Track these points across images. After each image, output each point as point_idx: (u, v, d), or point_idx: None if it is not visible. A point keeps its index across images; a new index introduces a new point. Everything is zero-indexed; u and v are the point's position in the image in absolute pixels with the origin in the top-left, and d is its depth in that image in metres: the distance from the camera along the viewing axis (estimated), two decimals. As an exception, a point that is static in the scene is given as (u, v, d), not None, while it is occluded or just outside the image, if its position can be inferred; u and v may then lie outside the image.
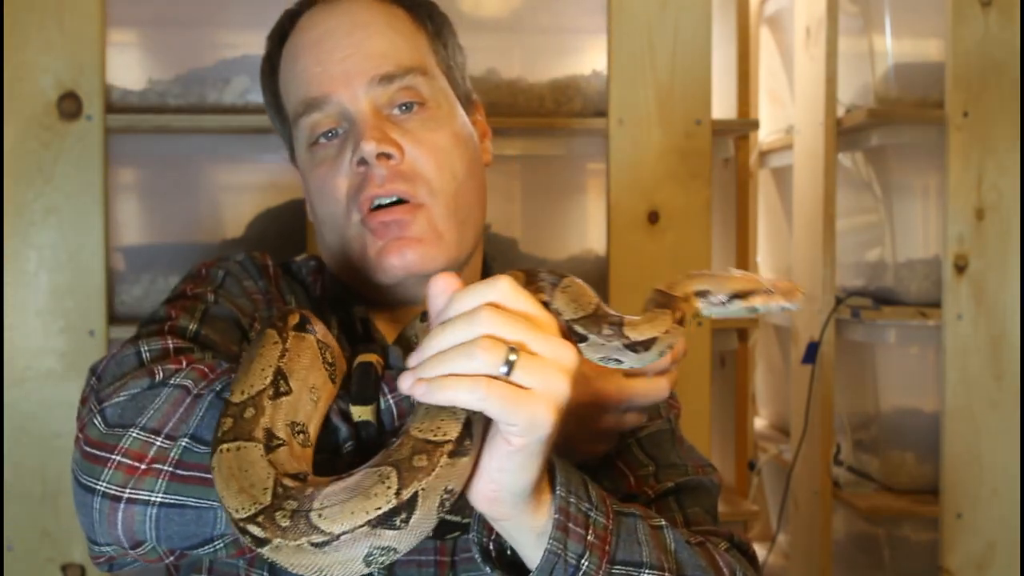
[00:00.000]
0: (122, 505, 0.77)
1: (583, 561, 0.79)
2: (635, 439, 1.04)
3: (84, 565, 1.79)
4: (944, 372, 2.11)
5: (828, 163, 2.21)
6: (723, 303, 0.86)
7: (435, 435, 0.70)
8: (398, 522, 0.68)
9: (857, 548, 2.39)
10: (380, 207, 0.99)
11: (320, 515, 0.68)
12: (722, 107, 2.39)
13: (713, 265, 2.08)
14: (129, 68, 1.88)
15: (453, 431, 0.70)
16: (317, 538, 0.67)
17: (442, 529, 0.83)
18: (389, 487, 0.68)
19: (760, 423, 2.87)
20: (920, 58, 2.25)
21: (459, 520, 0.84)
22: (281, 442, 0.75)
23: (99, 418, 0.80)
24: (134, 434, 0.78)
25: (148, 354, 0.87)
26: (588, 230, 2.06)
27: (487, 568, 0.82)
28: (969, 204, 2.10)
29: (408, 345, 0.90)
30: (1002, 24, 2.08)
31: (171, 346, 0.88)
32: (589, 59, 2.00)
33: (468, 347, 0.69)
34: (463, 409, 0.70)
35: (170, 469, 0.78)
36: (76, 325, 1.77)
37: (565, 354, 0.71)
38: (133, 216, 1.95)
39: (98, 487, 0.78)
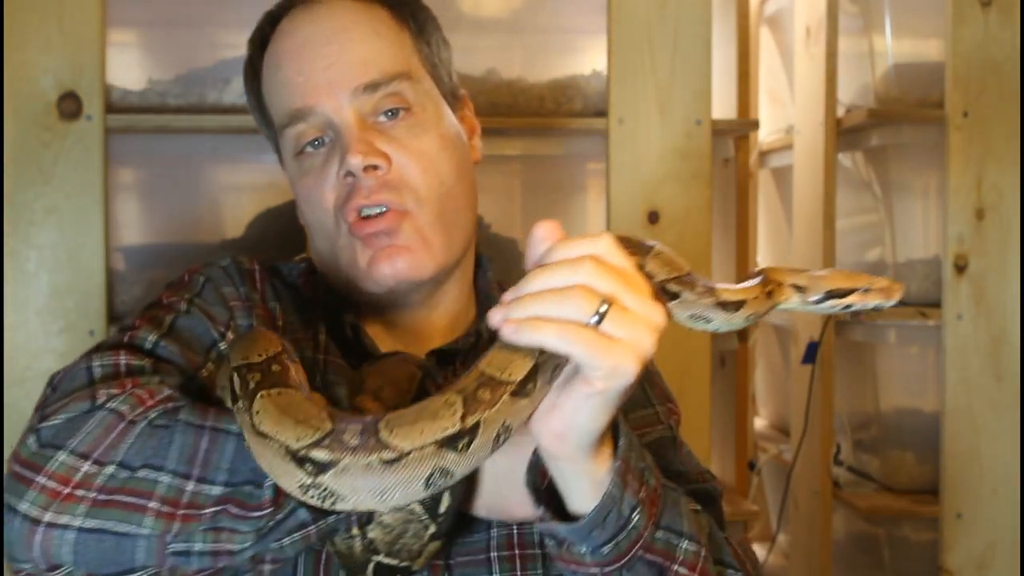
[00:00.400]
0: (41, 528, 0.77)
1: (634, 515, 0.82)
2: None
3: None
4: (944, 372, 2.11)
5: (828, 163, 2.21)
6: (817, 301, 0.86)
7: (501, 374, 0.73)
8: (460, 446, 0.72)
9: (857, 548, 2.39)
10: (367, 217, 0.99)
11: (390, 432, 0.71)
12: (722, 107, 2.39)
13: (712, 265, 2.08)
14: (129, 68, 1.88)
15: (519, 373, 0.73)
16: (388, 455, 0.70)
17: (381, 572, 0.85)
18: (455, 412, 0.72)
19: (760, 423, 2.87)
20: (920, 58, 2.25)
21: (397, 564, 0.86)
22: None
23: (34, 437, 0.80)
24: (62, 457, 0.78)
25: (100, 370, 0.88)
26: (588, 230, 2.05)
27: (539, 509, 0.83)
28: (969, 204, 2.10)
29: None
30: (1002, 24, 2.08)
31: (123, 363, 0.89)
32: (589, 59, 2.00)
33: (563, 293, 0.72)
34: (535, 354, 0.74)
35: (93, 495, 0.78)
36: (76, 325, 1.77)
37: (655, 312, 0.75)
38: (133, 216, 1.95)
39: (19, 508, 0.77)
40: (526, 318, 0.73)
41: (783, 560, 2.58)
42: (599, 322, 0.72)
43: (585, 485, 0.81)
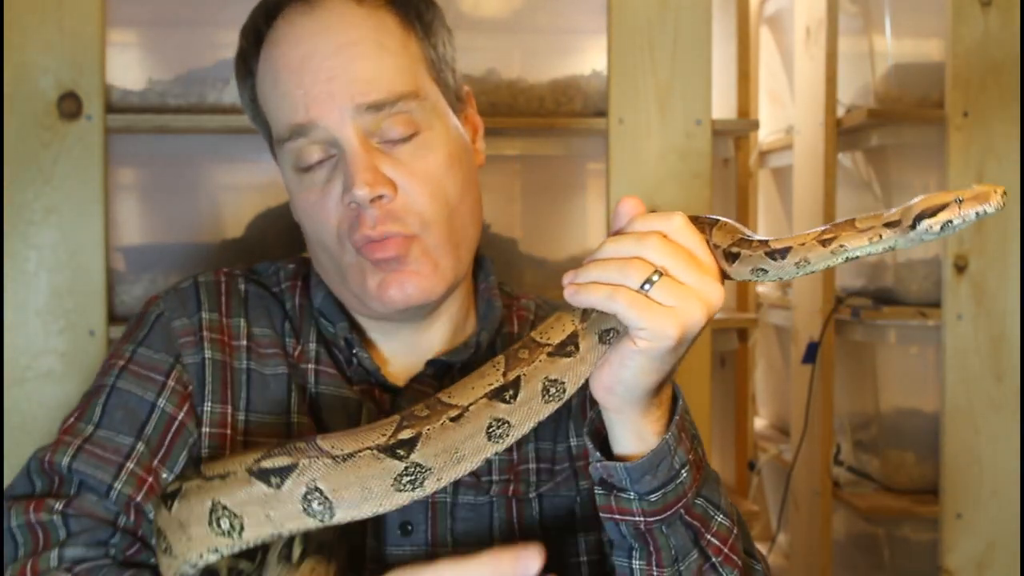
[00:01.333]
0: None
1: (684, 471, 0.89)
2: None
3: (84, 565, 1.79)
4: (944, 372, 2.11)
5: (828, 163, 2.21)
6: (911, 227, 0.83)
7: (542, 338, 0.85)
8: (507, 396, 0.83)
9: (857, 548, 2.39)
10: (375, 241, 0.98)
11: (449, 396, 0.84)
12: (722, 107, 2.39)
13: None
14: (129, 68, 1.88)
15: (557, 337, 0.85)
16: (453, 412, 0.82)
17: None
18: (498, 369, 0.85)
19: (760, 423, 2.87)
20: (920, 58, 2.25)
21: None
22: None
23: None
24: None
25: (17, 532, 0.95)
26: (588, 230, 2.06)
27: (596, 451, 0.91)
28: (969, 204, 2.10)
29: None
30: (1002, 24, 2.08)
31: (33, 522, 0.95)
32: (589, 59, 2.00)
33: (622, 262, 0.80)
34: (577, 320, 0.85)
35: None
36: (76, 325, 1.77)
37: (709, 288, 0.82)
38: (133, 216, 1.95)
39: None
40: (585, 282, 0.81)
41: (783, 560, 2.58)
42: (648, 288, 0.80)
43: (632, 438, 0.88)
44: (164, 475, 0.99)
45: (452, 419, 0.83)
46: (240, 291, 1.07)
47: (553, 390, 0.85)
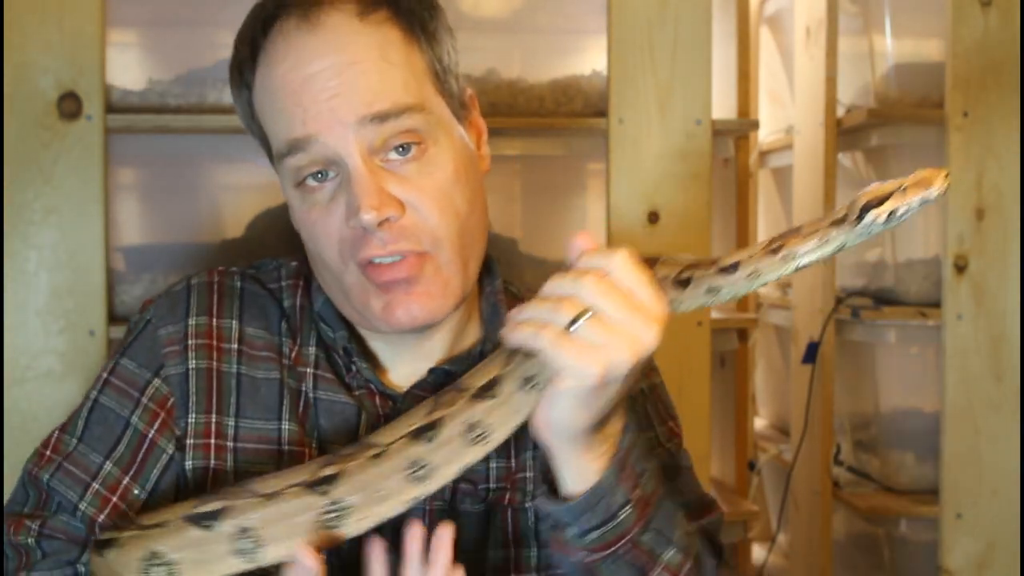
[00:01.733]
0: None
1: (624, 510, 0.88)
2: None
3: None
4: (944, 372, 2.11)
5: (828, 163, 2.21)
6: (857, 220, 0.81)
7: (467, 381, 0.88)
8: (427, 437, 0.86)
9: (857, 548, 2.39)
10: (382, 264, 0.95)
11: (377, 435, 0.88)
12: (722, 107, 2.38)
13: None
14: (129, 68, 1.88)
15: (479, 381, 0.87)
16: (375, 451, 0.86)
17: None
18: (425, 410, 0.88)
19: (760, 423, 2.87)
20: (920, 58, 2.25)
21: None
22: None
23: None
24: None
25: (8, 549, 0.99)
26: (588, 230, 2.06)
27: (543, 486, 0.92)
28: (969, 204, 2.10)
29: None
30: (1002, 24, 2.08)
31: (14, 543, 0.99)
32: (589, 59, 2.00)
33: (554, 302, 0.82)
34: (502, 365, 0.86)
35: None
36: (76, 325, 1.77)
37: (640, 329, 0.81)
38: (133, 216, 1.95)
39: None
40: (519, 321, 0.83)
41: (783, 560, 2.58)
42: (575, 327, 0.80)
43: (573, 475, 0.88)
44: (136, 491, 1.01)
45: (372, 457, 0.85)
46: (235, 289, 1.06)
47: (477, 432, 0.86)
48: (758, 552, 2.62)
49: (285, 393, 1.02)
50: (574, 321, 0.80)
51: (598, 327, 0.80)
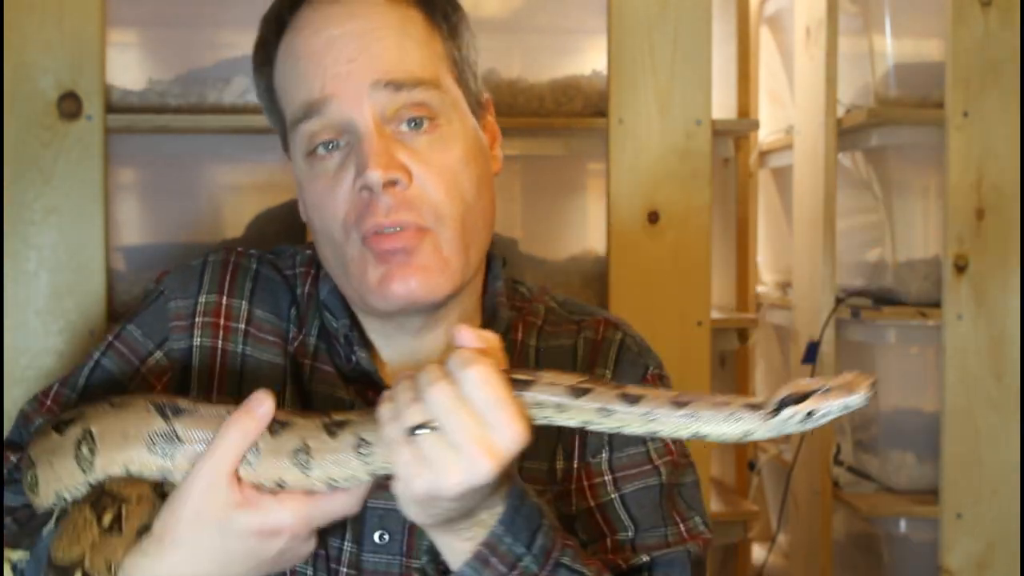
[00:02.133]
0: None
1: None
2: (619, 495, 1.00)
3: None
4: (944, 372, 2.11)
5: (828, 163, 2.21)
6: (772, 414, 0.75)
7: (332, 413, 0.86)
8: (273, 430, 0.84)
9: (857, 548, 2.39)
10: (384, 232, 0.95)
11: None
12: (722, 107, 2.39)
13: (712, 265, 2.07)
14: (129, 68, 1.88)
15: (335, 415, 0.84)
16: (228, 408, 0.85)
17: None
18: (298, 410, 0.90)
19: (760, 423, 2.86)
20: (920, 58, 2.25)
21: None
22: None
23: None
24: None
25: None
26: (588, 230, 2.06)
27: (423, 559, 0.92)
28: (969, 204, 2.10)
29: None
30: (1002, 24, 2.08)
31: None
32: (589, 59, 2.00)
33: (411, 397, 0.77)
34: (363, 416, 0.82)
35: None
36: (76, 325, 1.77)
37: (478, 464, 0.76)
38: (133, 216, 1.95)
39: None
40: (384, 396, 0.80)
41: (783, 560, 2.58)
42: (417, 437, 0.76)
43: (446, 551, 0.85)
44: None
45: (224, 413, 0.84)
46: (250, 271, 1.06)
47: (302, 458, 0.83)
48: (758, 552, 2.62)
49: (288, 381, 1.02)
50: (420, 426, 0.76)
51: (437, 443, 0.76)
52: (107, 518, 0.82)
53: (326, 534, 0.94)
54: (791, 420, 0.74)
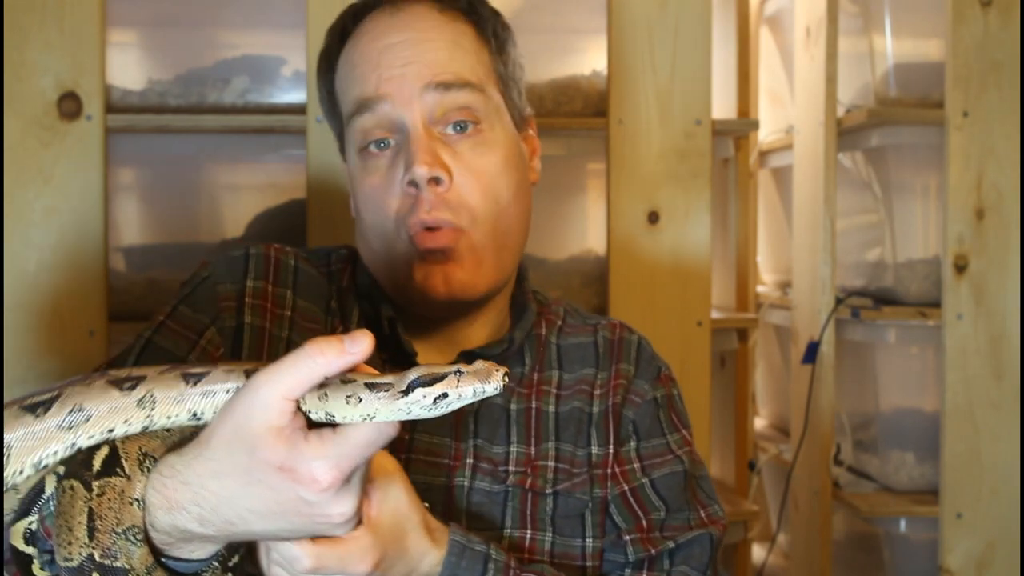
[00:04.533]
0: None
1: None
2: (648, 479, 1.08)
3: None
4: (944, 372, 2.11)
5: (828, 163, 2.21)
6: (402, 395, 0.74)
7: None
8: (125, 384, 0.79)
9: (857, 548, 2.39)
10: (427, 229, 1.01)
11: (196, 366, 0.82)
12: (722, 107, 2.39)
13: (712, 267, 2.08)
14: (129, 68, 1.88)
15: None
16: (194, 371, 0.81)
17: None
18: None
19: (760, 423, 2.87)
20: (920, 58, 2.25)
21: None
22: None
23: None
24: None
25: None
26: (588, 230, 2.06)
27: None
28: (969, 204, 2.10)
29: None
30: (1002, 24, 2.08)
31: None
32: (589, 59, 2.00)
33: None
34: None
35: None
36: (76, 325, 1.77)
37: None
38: (133, 216, 1.95)
39: None
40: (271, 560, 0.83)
41: (783, 560, 2.58)
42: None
43: None
44: None
45: (184, 377, 0.78)
46: (290, 265, 1.10)
47: (146, 409, 0.80)
48: (758, 552, 2.62)
49: None
50: None
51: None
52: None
53: None
54: (422, 401, 0.73)
